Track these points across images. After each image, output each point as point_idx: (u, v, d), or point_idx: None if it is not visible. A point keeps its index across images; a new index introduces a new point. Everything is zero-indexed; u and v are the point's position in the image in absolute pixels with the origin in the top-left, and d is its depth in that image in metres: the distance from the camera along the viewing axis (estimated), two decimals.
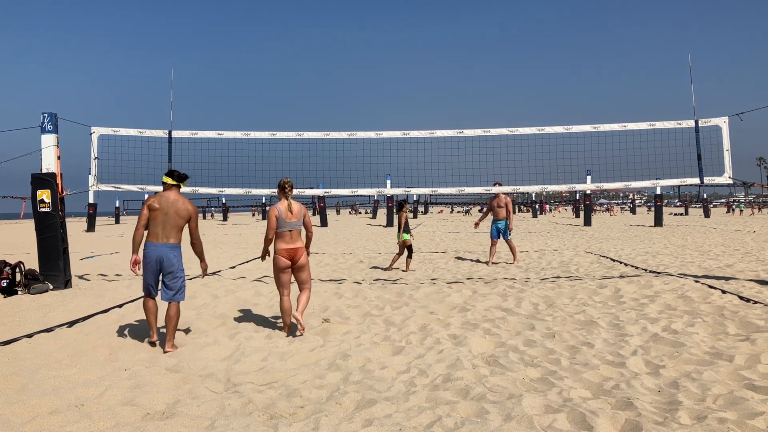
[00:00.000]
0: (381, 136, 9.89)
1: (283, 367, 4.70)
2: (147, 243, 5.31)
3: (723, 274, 9.50)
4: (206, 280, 9.40)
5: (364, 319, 6.48)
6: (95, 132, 9.62)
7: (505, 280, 9.43)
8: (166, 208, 5.30)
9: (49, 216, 8.68)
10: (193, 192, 10.32)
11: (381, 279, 9.82)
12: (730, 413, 3.37)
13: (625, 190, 49.25)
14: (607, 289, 8.08)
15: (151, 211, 5.28)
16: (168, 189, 5.43)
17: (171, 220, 5.31)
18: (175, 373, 4.49)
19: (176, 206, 5.34)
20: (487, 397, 3.76)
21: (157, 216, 5.28)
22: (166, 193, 5.40)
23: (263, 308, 7.17)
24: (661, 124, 9.67)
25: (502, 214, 11.86)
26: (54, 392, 3.95)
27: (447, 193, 10.49)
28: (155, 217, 5.28)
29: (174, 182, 5.44)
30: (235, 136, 9.98)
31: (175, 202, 5.35)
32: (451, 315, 6.59)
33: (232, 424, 3.44)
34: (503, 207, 11.86)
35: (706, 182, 9.58)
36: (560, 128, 9.82)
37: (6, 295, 8.11)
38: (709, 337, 5.29)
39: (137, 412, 3.66)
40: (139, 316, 6.63)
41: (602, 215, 52.80)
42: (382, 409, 3.62)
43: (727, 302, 6.85)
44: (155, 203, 5.29)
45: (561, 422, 3.32)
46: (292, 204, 5.72)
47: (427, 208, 61.49)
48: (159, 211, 5.28)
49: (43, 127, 8.88)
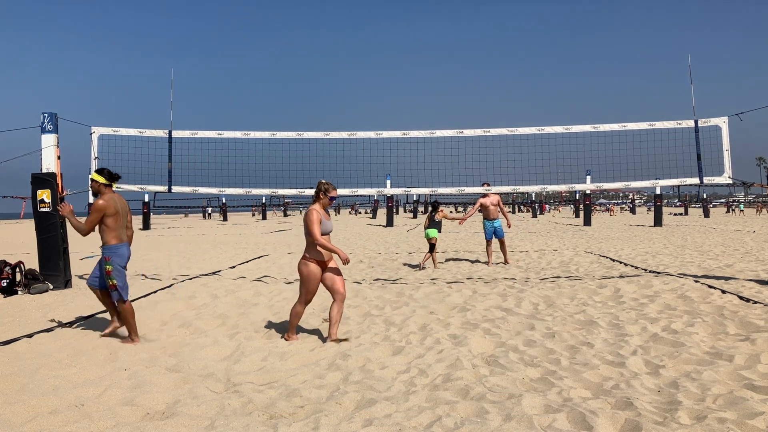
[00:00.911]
0: (381, 136, 9.90)
1: (283, 367, 4.70)
2: (120, 245, 5.36)
3: (723, 274, 9.51)
4: (206, 280, 9.40)
5: (364, 319, 6.48)
6: (95, 132, 9.62)
7: (505, 280, 9.43)
8: (121, 209, 5.40)
9: (49, 216, 8.68)
10: (193, 192, 10.33)
11: (381, 279, 9.82)
12: (729, 413, 3.37)
13: (625, 190, 49.24)
14: (607, 289, 8.08)
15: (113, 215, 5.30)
16: (106, 188, 5.41)
17: (124, 219, 5.45)
18: (175, 373, 4.49)
19: (125, 206, 5.50)
20: (487, 397, 3.76)
21: (118, 218, 5.34)
22: (112, 194, 5.42)
23: (263, 308, 7.17)
24: (660, 124, 9.68)
25: (495, 214, 11.84)
26: (54, 392, 3.95)
27: (447, 193, 10.49)
28: (117, 219, 5.34)
29: (107, 181, 5.43)
30: (235, 136, 9.99)
31: (123, 202, 5.50)
32: (451, 315, 6.59)
33: (232, 423, 3.44)
34: (496, 206, 11.85)
35: (706, 182, 9.59)
36: (560, 128, 9.82)
37: (6, 295, 8.11)
38: (709, 337, 5.29)
39: (137, 412, 3.66)
40: (139, 316, 6.63)
41: (602, 215, 52.81)
42: (382, 409, 3.62)
43: (726, 302, 6.85)
44: (112, 207, 5.30)
45: (561, 422, 3.32)
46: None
47: (427, 208, 61.55)
48: (119, 214, 5.35)
49: (43, 127, 8.88)
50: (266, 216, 51.33)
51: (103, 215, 5.26)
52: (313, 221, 5.26)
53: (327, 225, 5.38)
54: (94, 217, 5.26)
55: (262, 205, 51.71)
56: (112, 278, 5.35)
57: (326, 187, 5.44)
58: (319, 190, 5.44)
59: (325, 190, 5.43)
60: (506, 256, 11.99)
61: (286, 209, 61.51)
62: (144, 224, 32.08)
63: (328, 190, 5.44)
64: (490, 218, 11.85)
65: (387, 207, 31.40)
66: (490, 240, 11.85)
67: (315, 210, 5.33)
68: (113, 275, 5.35)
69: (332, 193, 5.45)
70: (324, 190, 5.43)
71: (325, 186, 5.44)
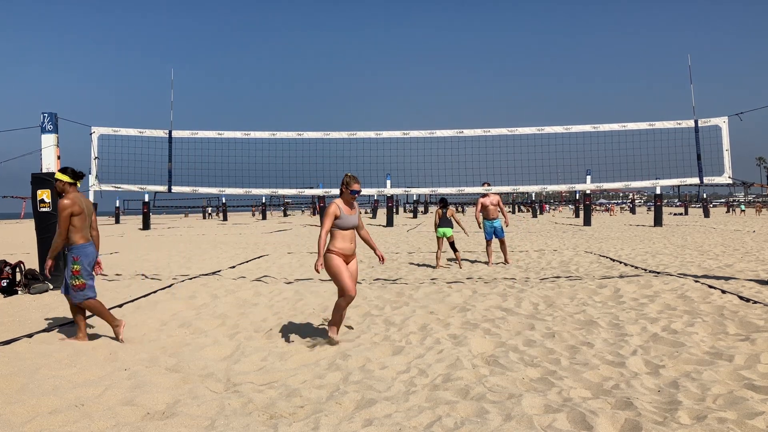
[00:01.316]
0: (381, 136, 9.90)
1: (283, 366, 4.70)
2: (87, 244, 5.34)
3: (723, 273, 9.51)
4: (206, 280, 9.40)
5: (364, 319, 6.48)
6: (95, 132, 9.62)
7: (505, 280, 9.43)
8: (86, 208, 5.39)
9: (49, 216, 8.68)
10: (193, 192, 10.33)
11: (381, 279, 9.82)
12: (729, 413, 3.37)
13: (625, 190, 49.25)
14: (607, 288, 8.08)
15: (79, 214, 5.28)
16: (71, 186, 5.39)
17: (89, 219, 5.42)
18: (175, 372, 4.49)
19: (89, 206, 5.49)
20: (487, 397, 3.76)
21: (84, 217, 5.33)
22: (77, 194, 5.39)
23: (263, 308, 7.17)
24: (660, 124, 9.68)
25: (495, 213, 11.86)
26: (54, 392, 3.95)
27: (447, 193, 10.50)
28: (83, 218, 5.33)
29: (71, 180, 5.41)
30: (235, 136, 9.99)
31: (88, 202, 5.49)
32: (451, 315, 6.59)
33: (232, 423, 3.44)
34: (496, 205, 11.87)
35: (706, 182, 9.59)
36: (560, 128, 9.83)
37: (6, 294, 8.11)
38: (709, 337, 5.29)
39: (137, 411, 3.66)
40: (139, 316, 6.64)
41: (602, 215, 52.81)
42: (382, 408, 3.62)
43: (726, 302, 6.85)
44: (78, 206, 5.28)
45: (561, 422, 3.32)
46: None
47: (427, 208, 61.53)
48: (84, 213, 5.33)
49: (43, 127, 8.89)
50: (266, 216, 51.33)
51: (71, 214, 5.22)
52: (326, 213, 5.16)
53: (347, 220, 5.19)
54: (65, 216, 5.19)
55: (262, 205, 51.71)
56: (80, 278, 5.27)
57: (347, 180, 5.25)
58: (342, 184, 5.28)
59: (347, 183, 5.24)
60: (506, 256, 11.99)
61: (286, 209, 61.52)
62: (144, 224, 32.10)
63: (349, 183, 5.24)
64: (489, 218, 11.84)
65: (387, 207, 31.40)
66: (490, 240, 11.85)
67: (334, 203, 5.19)
68: (82, 275, 5.28)
69: (353, 187, 5.24)
70: (345, 183, 5.25)
71: (347, 179, 5.26)
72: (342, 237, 5.19)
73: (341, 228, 5.18)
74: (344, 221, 5.17)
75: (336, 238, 5.19)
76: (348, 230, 5.22)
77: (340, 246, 5.18)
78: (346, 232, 5.21)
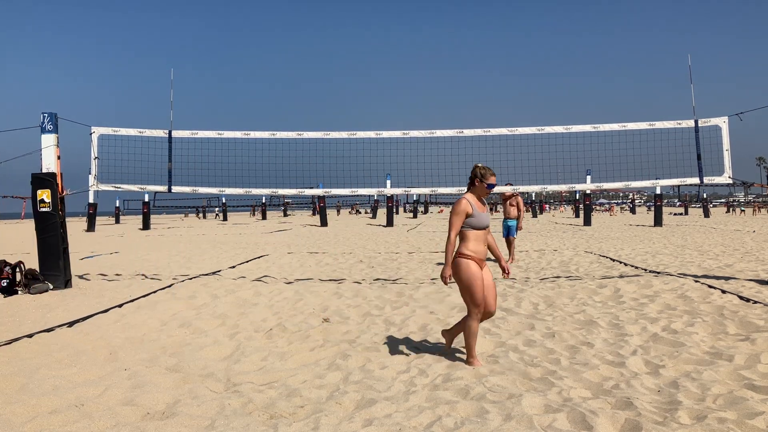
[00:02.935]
0: (381, 135, 9.90)
1: (283, 366, 4.70)
2: None
3: (723, 273, 9.50)
4: (206, 280, 9.40)
5: (364, 319, 6.48)
6: (95, 132, 9.62)
7: (504, 280, 9.41)
8: None
9: (49, 216, 8.68)
10: (193, 192, 10.33)
11: (381, 279, 9.82)
12: (729, 413, 3.37)
13: (625, 189, 49.22)
14: (607, 288, 8.08)
15: None
16: None
17: None
18: (175, 372, 4.49)
19: None
20: (487, 397, 3.76)
21: None
22: None
23: (263, 308, 7.17)
24: (660, 123, 9.67)
25: (514, 213, 12.24)
26: (54, 392, 3.95)
27: (447, 193, 10.49)
28: None
29: None
30: (235, 135, 9.99)
31: None
32: (451, 315, 6.59)
33: (232, 423, 3.44)
34: (515, 206, 12.26)
35: (706, 182, 9.59)
36: (560, 128, 9.82)
37: (6, 294, 8.11)
38: (709, 337, 5.29)
39: (137, 411, 3.66)
40: (140, 316, 6.64)
41: (602, 215, 52.81)
42: (382, 408, 3.62)
43: (726, 302, 6.85)
44: None
45: (561, 422, 3.32)
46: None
47: (427, 208, 61.53)
48: None
49: (43, 127, 8.88)
50: (266, 216, 51.31)
51: None
52: (455, 211, 4.47)
53: (482, 218, 4.50)
54: None
55: (263, 205, 51.68)
56: None
57: (483, 172, 4.56)
58: (474, 176, 4.59)
59: (482, 175, 4.55)
60: (512, 254, 12.22)
61: (286, 209, 61.50)
62: (144, 224, 32.09)
63: (485, 175, 4.56)
64: (509, 217, 12.30)
65: (387, 207, 31.39)
66: (506, 237, 12.24)
67: (465, 198, 4.50)
68: None
69: (490, 180, 4.56)
70: (481, 176, 4.55)
71: (482, 171, 4.57)
72: (476, 238, 4.49)
73: (474, 227, 4.48)
74: (478, 220, 4.48)
75: (468, 239, 4.48)
76: (482, 230, 4.52)
77: (473, 248, 4.47)
78: (480, 232, 4.51)
